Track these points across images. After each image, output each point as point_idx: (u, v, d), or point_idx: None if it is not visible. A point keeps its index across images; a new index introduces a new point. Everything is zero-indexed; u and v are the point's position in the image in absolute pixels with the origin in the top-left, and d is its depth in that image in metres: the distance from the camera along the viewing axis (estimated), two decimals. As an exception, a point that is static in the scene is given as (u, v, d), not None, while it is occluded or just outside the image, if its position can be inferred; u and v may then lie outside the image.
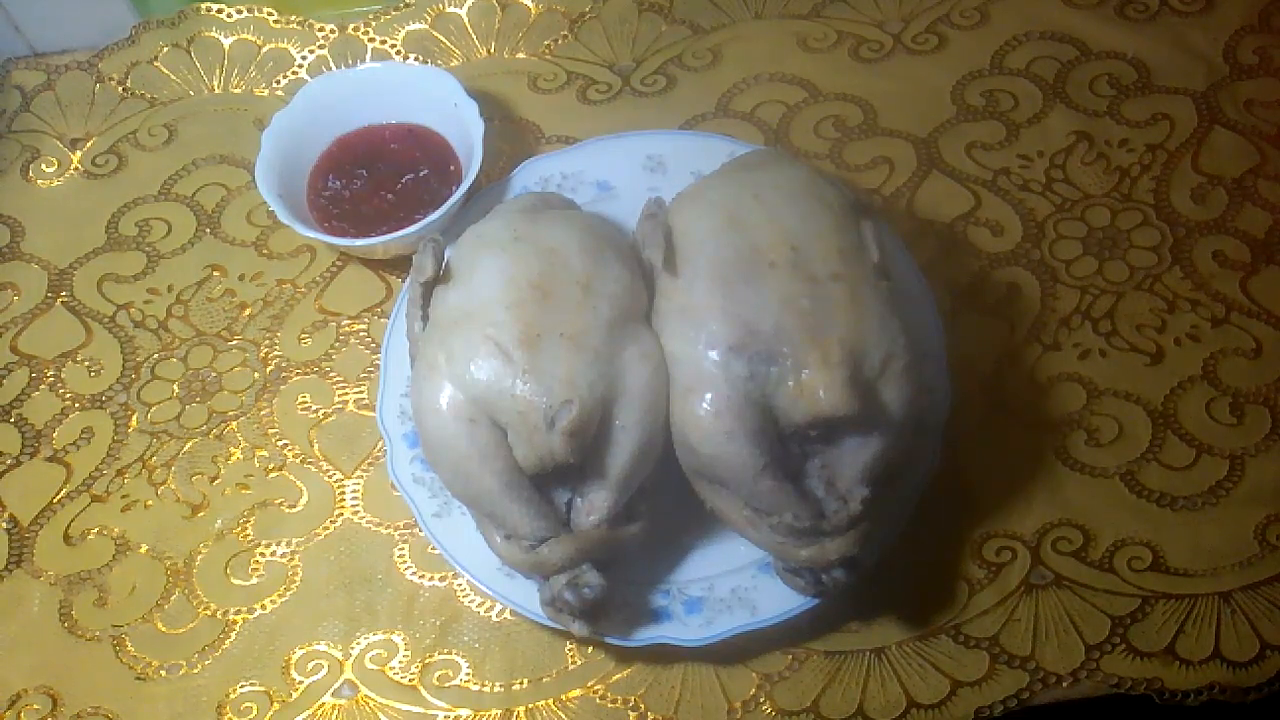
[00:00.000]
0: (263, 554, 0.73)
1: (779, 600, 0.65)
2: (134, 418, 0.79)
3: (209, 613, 0.71)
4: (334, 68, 0.94)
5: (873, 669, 0.66)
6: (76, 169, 0.92)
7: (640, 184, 0.79)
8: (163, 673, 0.69)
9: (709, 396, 0.60)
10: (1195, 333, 0.75)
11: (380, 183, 0.82)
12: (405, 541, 0.72)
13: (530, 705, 0.67)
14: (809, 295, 0.61)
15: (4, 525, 0.75)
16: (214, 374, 0.80)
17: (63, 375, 0.81)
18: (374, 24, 0.95)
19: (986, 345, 0.76)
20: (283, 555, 0.73)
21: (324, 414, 0.78)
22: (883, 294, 0.62)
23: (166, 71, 0.95)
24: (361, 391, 0.78)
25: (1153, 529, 0.69)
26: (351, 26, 0.95)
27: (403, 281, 0.77)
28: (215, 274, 0.85)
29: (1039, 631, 0.66)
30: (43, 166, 0.92)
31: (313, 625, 0.70)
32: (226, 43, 0.96)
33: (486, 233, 0.68)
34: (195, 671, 0.69)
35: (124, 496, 0.76)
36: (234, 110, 0.93)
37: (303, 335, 0.81)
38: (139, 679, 0.69)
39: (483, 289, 0.64)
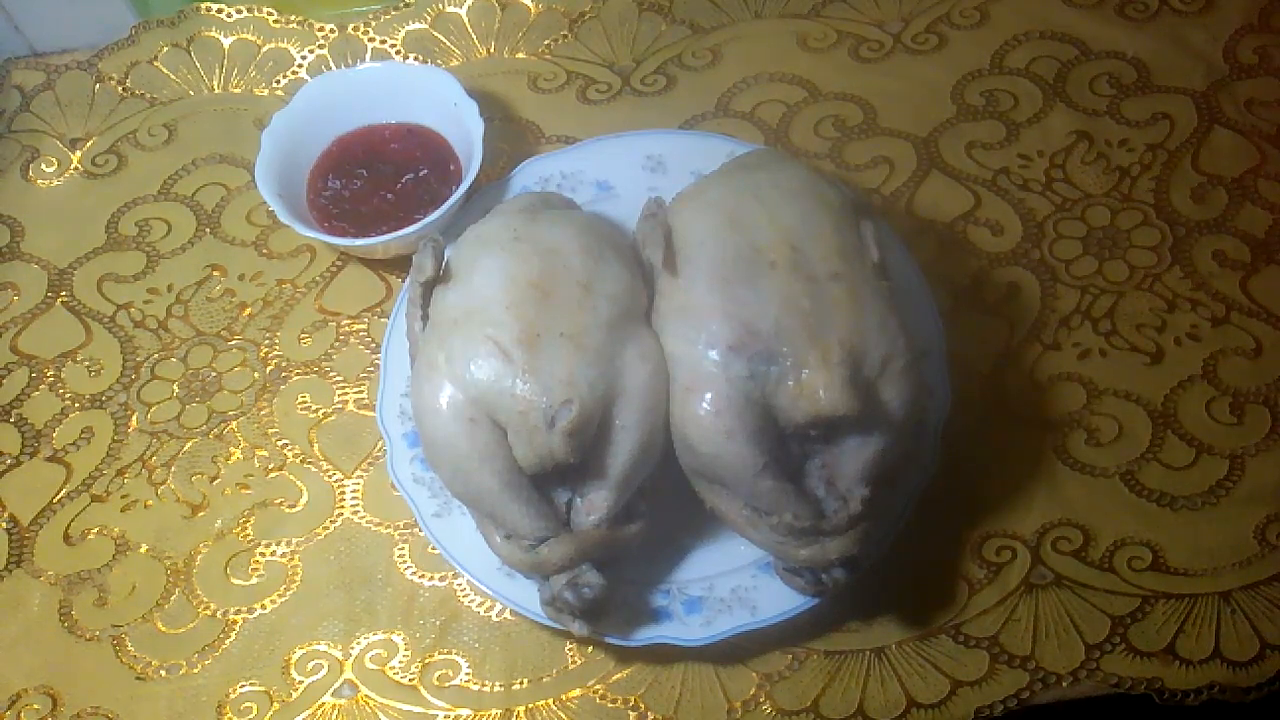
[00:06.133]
0: (263, 554, 0.73)
1: (779, 600, 0.65)
2: (134, 418, 0.79)
3: (209, 613, 0.71)
4: (334, 67, 0.94)
5: (873, 669, 0.66)
6: (76, 169, 0.92)
7: (640, 184, 0.79)
8: (163, 673, 0.69)
9: (709, 396, 0.60)
10: (1195, 332, 0.75)
11: (380, 183, 0.82)
12: (405, 541, 0.72)
13: (530, 705, 0.67)
14: (809, 295, 0.61)
15: (4, 525, 0.75)
16: (214, 374, 0.80)
17: (63, 375, 0.81)
18: (374, 24, 0.95)
19: (986, 345, 0.76)
20: (283, 555, 0.73)
21: (324, 414, 0.78)
22: (882, 294, 0.62)
23: (166, 71, 0.95)
24: (361, 391, 0.78)
25: (1153, 529, 0.69)
26: (351, 26, 0.95)
27: (403, 281, 0.77)
28: (215, 274, 0.85)
29: (1039, 631, 0.66)
30: (43, 166, 0.92)
31: (313, 625, 0.70)
32: (226, 42, 0.96)
33: (486, 232, 0.68)
34: (195, 671, 0.69)
35: (124, 496, 0.76)
36: (234, 110, 0.93)
37: (303, 335, 0.81)
38: (139, 679, 0.69)
39: (483, 289, 0.64)
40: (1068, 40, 0.90)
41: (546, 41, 0.94)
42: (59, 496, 0.76)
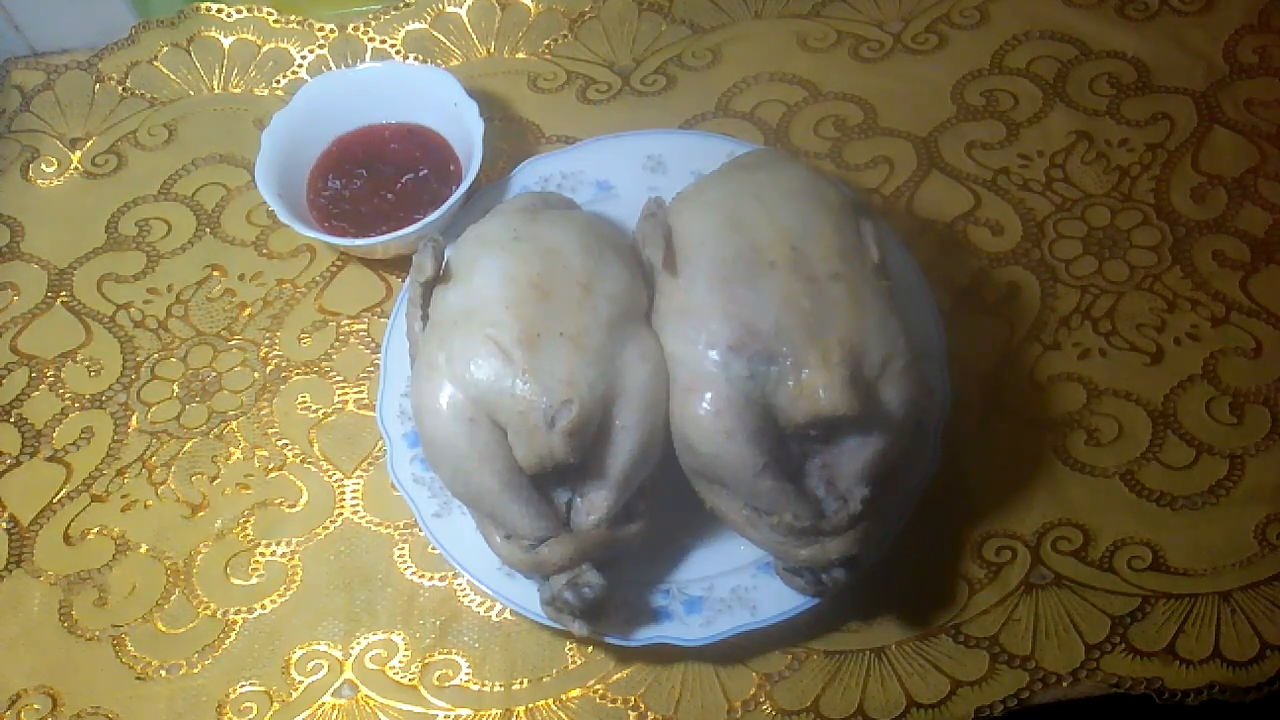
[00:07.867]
0: (263, 554, 0.73)
1: (779, 600, 0.65)
2: (134, 418, 0.79)
3: (209, 613, 0.71)
4: (334, 67, 0.94)
5: (873, 669, 0.66)
6: (76, 169, 0.92)
7: (640, 184, 0.79)
8: (163, 673, 0.69)
9: (709, 396, 0.60)
10: (1195, 332, 0.75)
11: (380, 183, 0.82)
12: (405, 541, 0.72)
13: (530, 705, 0.67)
14: (809, 295, 0.61)
15: (4, 525, 0.75)
16: (214, 374, 0.80)
17: (63, 375, 0.81)
18: (374, 24, 0.95)
19: (986, 345, 0.76)
20: (283, 555, 0.73)
21: (324, 414, 0.78)
22: (882, 294, 0.62)
23: (166, 71, 0.95)
24: (361, 391, 0.78)
25: (1153, 529, 0.69)
26: (351, 26, 0.95)
27: (403, 281, 0.77)
28: (215, 274, 0.85)
29: (1039, 631, 0.66)
30: (43, 166, 0.92)
31: (313, 625, 0.70)
32: (226, 42, 0.96)
33: (486, 232, 0.68)
34: (195, 671, 0.69)
35: (124, 496, 0.76)
36: (234, 110, 0.93)
37: (303, 335, 0.81)
38: (139, 679, 0.69)
39: (483, 288, 0.64)
40: (1068, 40, 0.90)
41: (546, 41, 0.94)
42: (59, 496, 0.76)
